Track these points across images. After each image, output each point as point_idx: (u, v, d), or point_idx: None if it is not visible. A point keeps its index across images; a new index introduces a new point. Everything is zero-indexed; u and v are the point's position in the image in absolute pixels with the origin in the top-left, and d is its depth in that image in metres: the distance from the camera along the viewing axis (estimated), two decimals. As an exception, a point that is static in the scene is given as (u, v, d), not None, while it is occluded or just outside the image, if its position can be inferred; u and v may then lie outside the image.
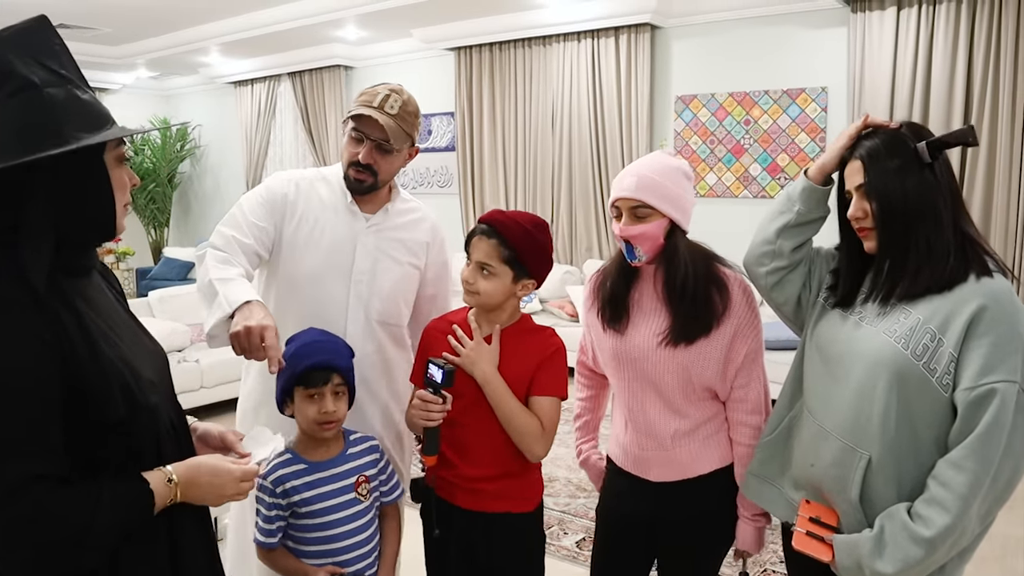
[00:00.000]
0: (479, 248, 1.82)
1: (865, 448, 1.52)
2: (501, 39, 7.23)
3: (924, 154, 1.52)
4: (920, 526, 1.43)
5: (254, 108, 9.66)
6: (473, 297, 1.85)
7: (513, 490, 1.89)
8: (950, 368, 1.45)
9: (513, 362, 1.86)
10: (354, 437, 1.91)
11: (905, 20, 5.32)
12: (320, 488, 1.81)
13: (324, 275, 2.05)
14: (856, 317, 1.61)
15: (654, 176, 1.78)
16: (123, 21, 7.56)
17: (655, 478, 1.90)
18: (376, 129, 1.97)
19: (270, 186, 2.10)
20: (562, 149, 7.04)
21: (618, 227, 1.81)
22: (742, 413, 1.86)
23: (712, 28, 6.30)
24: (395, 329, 2.08)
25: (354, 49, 8.42)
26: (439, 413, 1.78)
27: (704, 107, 6.37)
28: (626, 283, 1.89)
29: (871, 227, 1.57)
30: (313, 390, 1.77)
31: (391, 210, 2.12)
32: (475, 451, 1.86)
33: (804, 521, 1.60)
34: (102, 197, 1.24)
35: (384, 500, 1.93)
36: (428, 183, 8.24)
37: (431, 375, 1.79)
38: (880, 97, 5.43)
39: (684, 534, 1.90)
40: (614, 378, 1.94)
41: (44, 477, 1.11)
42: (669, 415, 1.86)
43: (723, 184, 6.34)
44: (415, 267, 2.15)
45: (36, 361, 1.12)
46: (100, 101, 1.25)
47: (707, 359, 1.81)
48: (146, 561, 1.26)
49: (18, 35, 1.18)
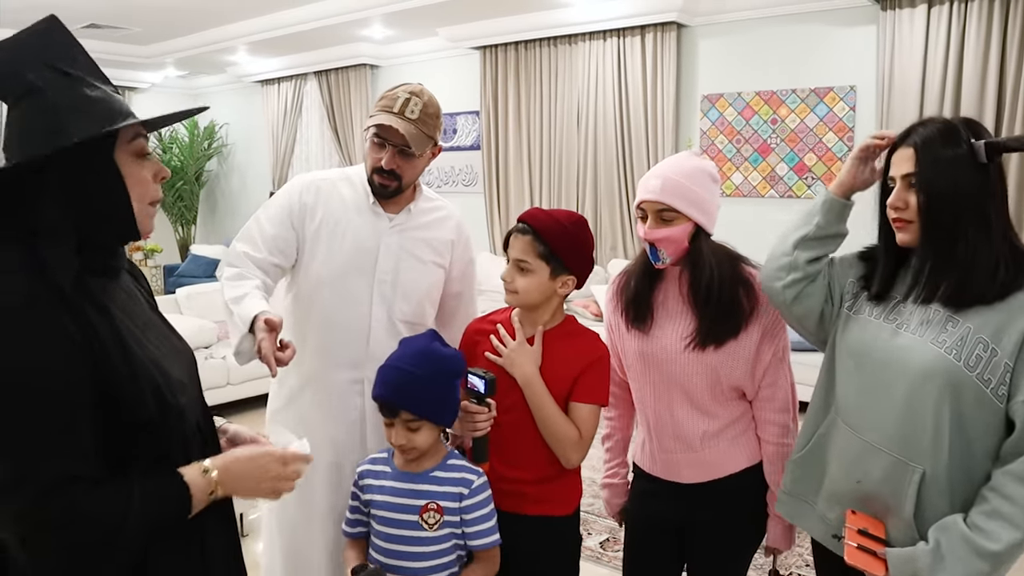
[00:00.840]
0: (515, 246, 1.83)
1: (918, 462, 1.47)
2: (527, 38, 7.21)
3: (981, 153, 1.45)
4: (984, 539, 1.38)
5: (280, 107, 9.72)
6: (512, 296, 1.84)
7: (553, 493, 1.88)
8: (1005, 379, 1.41)
9: (555, 364, 1.84)
10: (452, 463, 1.80)
11: (936, 18, 5.24)
12: (389, 496, 1.78)
13: (347, 275, 2.05)
14: (892, 324, 1.55)
15: (680, 179, 1.76)
16: (152, 21, 7.64)
17: (686, 480, 1.89)
18: (397, 135, 1.97)
19: (289, 191, 2.11)
20: (587, 148, 7.02)
21: (643, 229, 1.80)
22: (770, 412, 1.85)
23: (739, 26, 6.25)
24: (419, 328, 2.09)
25: (380, 48, 8.44)
26: (485, 422, 1.79)
27: (731, 106, 6.33)
28: (650, 283, 1.88)
29: (910, 219, 1.51)
30: (384, 419, 1.77)
31: (414, 209, 2.12)
32: (516, 453, 1.85)
33: (853, 534, 1.52)
34: (114, 194, 1.20)
35: (470, 543, 1.77)
36: (453, 182, 8.25)
37: (472, 385, 1.78)
38: (910, 96, 5.35)
39: (715, 534, 1.89)
40: (639, 381, 1.92)
41: (78, 479, 1.11)
42: (697, 416, 1.85)
43: (749, 184, 6.29)
44: (439, 266, 2.15)
45: (66, 363, 1.11)
46: (114, 96, 1.21)
47: (736, 359, 1.80)
48: (177, 558, 1.26)
49: (29, 39, 1.18)
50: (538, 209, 1.86)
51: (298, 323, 2.12)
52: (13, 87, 1.16)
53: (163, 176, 1.26)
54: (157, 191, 1.26)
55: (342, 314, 2.05)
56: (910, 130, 1.55)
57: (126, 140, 1.21)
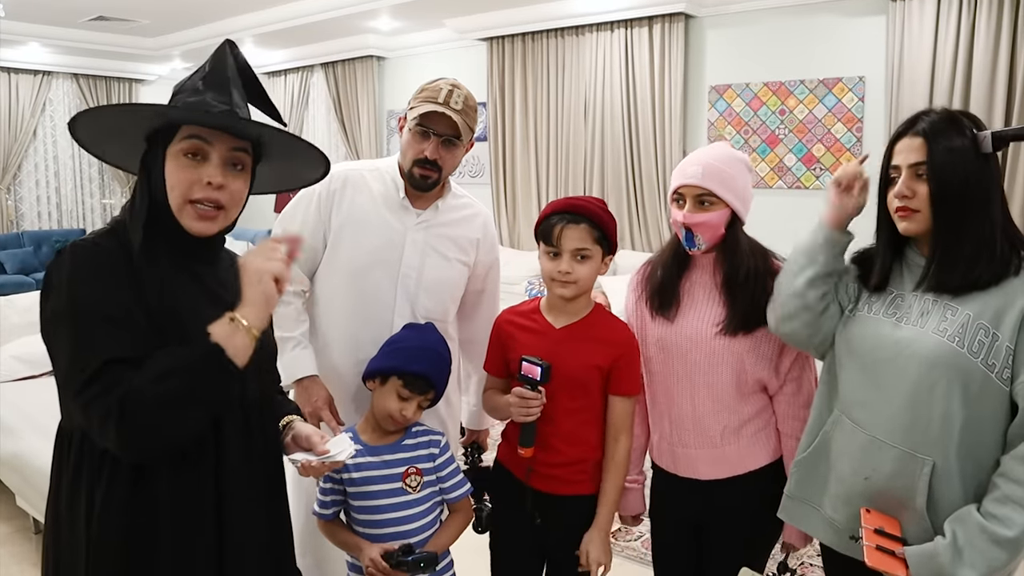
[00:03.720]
0: (571, 236, 1.81)
1: (927, 453, 1.47)
2: (534, 29, 7.20)
3: (987, 143, 1.47)
4: (998, 526, 1.38)
5: (287, 99, 9.71)
6: (570, 287, 1.83)
7: (584, 475, 1.90)
8: (1008, 362, 1.42)
9: (589, 352, 1.85)
10: (416, 429, 1.92)
11: (946, 8, 5.20)
12: (368, 471, 1.84)
13: (372, 269, 2.06)
14: (892, 318, 1.55)
15: (721, 166, 1.79)
16: (160, 13, 7.66)
17: (704, 476, 1.89)
18: (445, 125, 1.98)
19: (316, 189, 2.08)
20: (594, 139, 7.01)
21: (680, 214, 1.80)
22: (795, 407, 1.85)
23: (747, 17, 6.22)
24: (440, 325, 2.09)
25: (387, 39, 8.43)
26: (537, 408, 1.80)
27: (738, 97, 6.31)
28: (679, 271, 1.89)
29: (917, 208, 1.51)
30: (407, 393, 1.84)
31: (442, 206, 2.12)
32: (553, 439, 1.86)
33: (871, 534, 1.49)
34: (154, 185, 1.32)
35: (446, 497, 1.93)
36: (460, 173, 8.21)
37: (527, 372, 1.79)
38: (919, 87, 5.32)
39: (735, 530, 1.89)
40: (660, 373, 1.91)
41: (124, 360, 1.18)
42: (719, 410, 1.85)
43: (757, 174, 6.27)
44: (464, 264, 2.16)
45: (117, 288, 1.24)
46: (219, 104, 1.32)
47: (763, 347, 1.81)
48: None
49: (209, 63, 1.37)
50: (571, 198, 1.86)
51: (322, 314, 2.13)
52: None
53: (208, 181, 1.31)
54: (198, 193, 1.31)
55: (365, 308, 2.06)
56: (914, 120, 1.56)
57: (177, 140, 1.31)
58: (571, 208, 1.82)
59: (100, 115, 1.32)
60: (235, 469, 1.35)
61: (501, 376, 1.97)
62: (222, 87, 1.33)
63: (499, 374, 1.97)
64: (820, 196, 5.88)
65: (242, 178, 1.36)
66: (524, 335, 1.90)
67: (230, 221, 1.37)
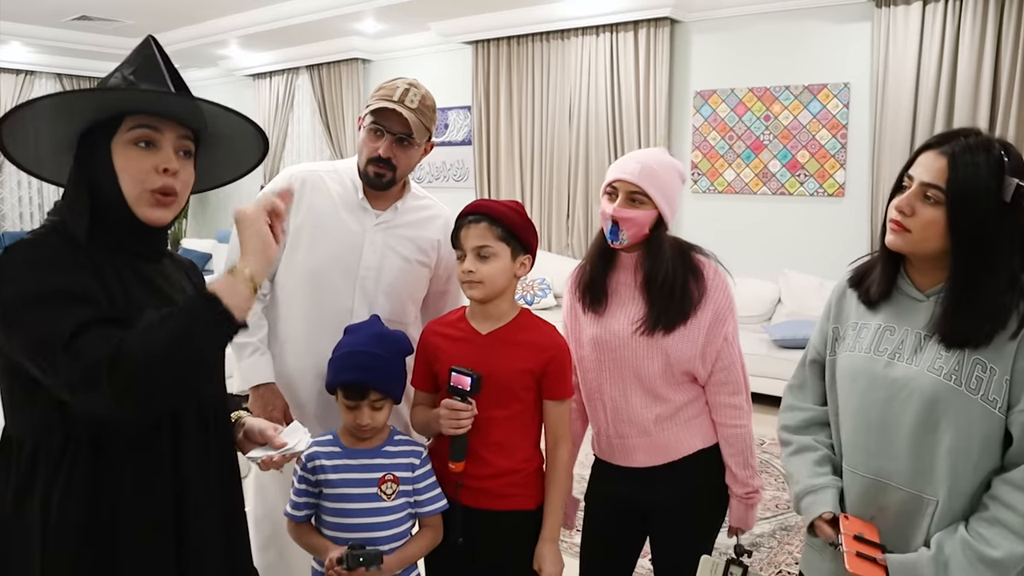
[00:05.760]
0: (471, 235, 1.80)
1: (931, 493, 1.44)
2: (519, 33, 7.18)
3: (1009, 191, 1.36)
4: (984, 546, 1.36)
5: (272, 101, 9.67)
6: (477, 288, 1.81)
7: (518, 487, 1.87)
8: (1005, 395, 1.38)
9: (518, 356, 1.83)
10: (399, 438, 1.89)
11: (931, 15, 5.22)
12: (344, 474, 1.82)
13: (330, 271, 2.04)
14: (883, 356, 1.50)
15: (658, 169, 1.86)
16: (144, 13, 7.61)
17: (640, 463, 1.93)
18: (398, 123, 1.96)
19: (274, 185, 2.08)
20: (579, 144, 6.99)
21: (611, 207, 1.85)
22: (724, 395, 1.91)
23: (732, 22, 6.22)
24: (399, 327, 2.06)
25: (372, 42, 8.41)
26: (468, 419, 1.78)
27: (723, 102, 6.31)
28: (605, 267, 1.94)
29: (909, 228, 1.45)
30: (351, 402, 1.80)
31: (401, 207, 2.10)
32: (482, 450, 1.84)
33: (850, 540, 1.47)
34: (98, 178, 1.28)
35: (419, 511, 1.87)
36: (444, 177, 8.22)
37: (457, 382, 1.77)
38: (904, 94, 5.33)
39: (675, 516, 1.93)
40: (594, 369, 1.94)
41: (104, 320, 1.15)
42: (650, 400, 1.89)
43: (742, 180, 6.27)
44: (424, 265, 2.13)
45: (76, 273, 1.20)
46: (132, 86, 1.29)
47: (686, 343, 1.85)
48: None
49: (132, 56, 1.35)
50: (477, 201, 1.87)
51: (280, 317, 2.09)
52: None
53: (164, 167, 1.28)
54: (156, 181, 1.28)
55: (323, 310, 2.03)
56: (950, 136, 1.45)
57: (124, 129, 1.27)
58: (473, 209, 1.84)
59: (35, 108, 1.25)
60: (194, 468, 1.32)
61: (429, 391, 1.94)
62: (158, 78, 1.30)
63: (427, 389, 1.94)
64: (804, 202, 5.92)
65: (191, 165, 1.35)
66: (450, 345, 1.87)
67: (180, 209, 1.35)
